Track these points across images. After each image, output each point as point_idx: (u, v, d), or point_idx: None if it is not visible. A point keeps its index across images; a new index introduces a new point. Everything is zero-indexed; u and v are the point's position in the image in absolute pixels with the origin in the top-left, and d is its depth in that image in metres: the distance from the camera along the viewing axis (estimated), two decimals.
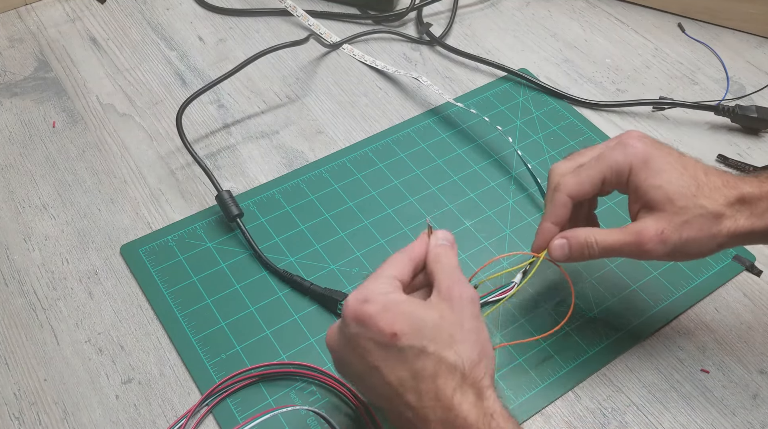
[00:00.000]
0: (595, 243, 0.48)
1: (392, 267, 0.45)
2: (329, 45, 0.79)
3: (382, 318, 0.41)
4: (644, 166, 0.47)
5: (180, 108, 0.66)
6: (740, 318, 0.59)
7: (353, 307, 0.42)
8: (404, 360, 0.41)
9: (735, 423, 0.53)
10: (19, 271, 0.59)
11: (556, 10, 0.87)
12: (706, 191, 0.47)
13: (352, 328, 0.42)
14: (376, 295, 0.42)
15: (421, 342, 0.41)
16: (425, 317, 0.41)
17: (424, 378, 0.40)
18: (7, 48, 0.77)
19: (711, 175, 0.48)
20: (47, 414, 0.52)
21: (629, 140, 0.49)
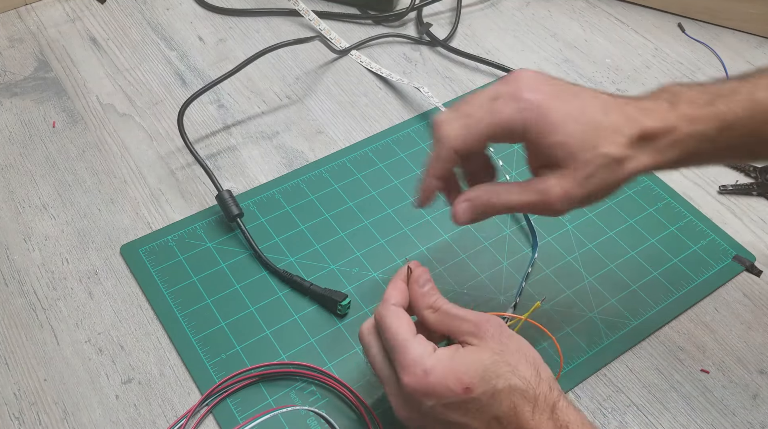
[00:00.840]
0: (498, 203, 0.46)
1: (405, 326, 0.45)
2: (339, 51, 0.78)
3: (449, 380, 0.42)
4: (540, 121, 0.43)
5: (181, 108, 0.66)
6: (740, 318, 0.59)
7: (417, 384, 0.42)
8: (482, 407, 0.42)
9: (735, 423, 0.53)
10: (19, 271, 0.59)
11: (556, 10, 0.87)
12: (607, 135, 0.43)
13: (426, 402, 0.42)
14: (427, 362, 0.43)
15: (490, 383, 0.42)
16: (482, 359, 0.42)
17: (506, 415, 0.42)
18: (7, 48, 0.77)
19: (611, 113, 0.44)
20: (47, 414, 0.52)
21: (522, 92, 0.43)
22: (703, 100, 0.45)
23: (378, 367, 0.46)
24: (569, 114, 0.43)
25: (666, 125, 0.44)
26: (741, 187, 0.69)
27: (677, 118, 0.44)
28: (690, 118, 0.44)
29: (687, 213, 0.66)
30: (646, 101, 0.45)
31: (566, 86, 0.45)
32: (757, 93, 0.45)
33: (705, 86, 0.46)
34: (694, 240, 0.64)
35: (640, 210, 0.66)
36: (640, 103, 0.45)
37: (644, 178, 0.69)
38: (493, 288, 0.60)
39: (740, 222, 0.66)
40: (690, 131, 0.44)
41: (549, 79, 0.45)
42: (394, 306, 0.46)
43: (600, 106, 0.44)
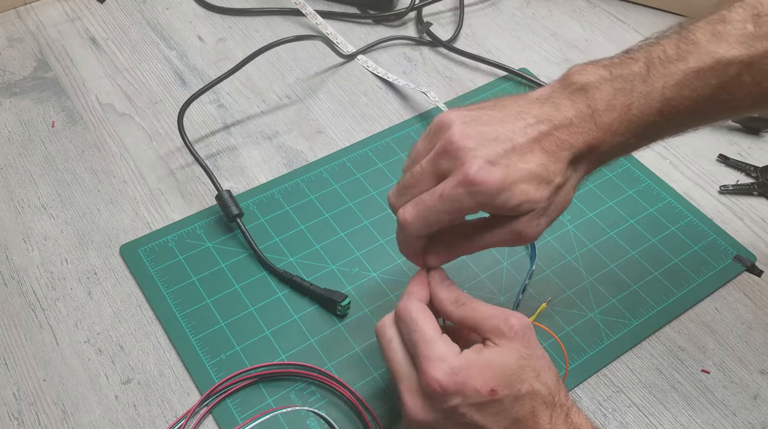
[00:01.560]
0: (473, 246, 0.47)
1: (430, 324, 0.44)
2: (345, 56, 0.78)
3: (476, 381, 0.42)
4: (500, 197, 0.43)
5: (181, 109, 0.66)
6: (741, 318, 0.59)
7: (446, 381, 0.42)
8: (504, 410, 0.42)
9: (735, 423, 0.53)
10: (18, 271, 0.59)
11: (556, 10, 0.87)
12: (552, 167, 0.44)
13: (451, 401, 0.42)
14: (455, 361, 0.42)
15: (515, 387, 0.42)
16: (509, 363, 0.42)
17: (525, 418, 0.42)
18: (6, 48, 0.77)
19: (548, 142, 0.44)
20: (46, 414, 0.51)
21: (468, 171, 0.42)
22: (619, 105, 0.45)
23: (396, 362, 0.45)
24: (516, 170, 0.43)
25: (591, 143, 0.45)
26: (742, 187, 0.68)
27: (601, 133, 0.44)
28: (612, 130, 0.45)
29: (688, 213, 0.66)
30: (565, 109, 0.45)
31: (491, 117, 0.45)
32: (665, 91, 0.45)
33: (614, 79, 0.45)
34: (694, 240, 0.64)
35: (641, 210, 0.66)
36: (561, 112, 0.45)
37: (645, 178, 0.69)
38: (493, 288, 0.60)
39: (741, 222, 0.66)
40: (612, 144, 0.45)
41: (473, 121, 0.44)
42: (419, 302, 0.46)
43: (531, 136, 0.44)
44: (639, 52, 0.46)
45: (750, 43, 0.44)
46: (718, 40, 0.44)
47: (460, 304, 0.46)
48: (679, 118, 0.46)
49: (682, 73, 0.44)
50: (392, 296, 0.59)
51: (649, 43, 0.46)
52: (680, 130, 0.48)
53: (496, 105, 0.46)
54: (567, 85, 0.46)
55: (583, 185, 0.67)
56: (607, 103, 0.45)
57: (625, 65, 0.45)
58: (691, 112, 0.45)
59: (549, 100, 0.45)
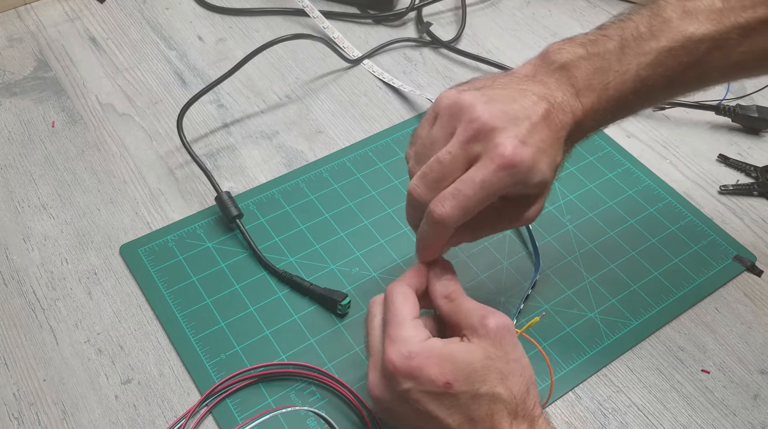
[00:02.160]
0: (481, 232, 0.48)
1: (406, 307, 0.44)
2: (351, 60, 0.78)
3: (432, 369, 0.41)
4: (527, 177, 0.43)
5: (180, 111, 0.66)
6: (741, 318, 0.59)
7: (399, 363, 0.42)
8: (459, 405, 0.41)
9: (736, 423, 0.53)
10: (18, 271, 0.59)
11: (556, 10, 0.87)
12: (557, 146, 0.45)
13: (403, 384, 0.42)
14: (415, 346, 0.42)
15: (473, 386, 0.41)
16: (472, 360, 0.42)
17: (481, 419, 0.41)
18: (6, 47, 0.77)
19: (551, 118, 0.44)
20: (46, 414, 0.51)
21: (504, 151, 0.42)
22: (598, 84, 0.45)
23: (372, 338, 0.46)
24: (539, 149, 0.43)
25: (578, 120, 0.45)
26: (742, 187, 0.68)
27: (584, 111, 0.45)
28: (593, 108, 0.46)
29: (688, 213, 0.66)
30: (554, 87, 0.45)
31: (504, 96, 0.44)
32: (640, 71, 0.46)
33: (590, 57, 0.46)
34: (694, 240, 0.64)
35: (641, 210, 0.66)
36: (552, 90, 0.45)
37: (645, 178, 0.69)
38: (493, 288, 0.60)
39: (741, 222, 0.66)
40: (592, 121, 0.47)
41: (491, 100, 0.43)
42: (407, 285, 0.46)
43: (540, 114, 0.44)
44: (612, 29, 0.47)
45: (718, 19, 0.45)
46: (688, 16, 0.45)
47: (449, 300, 0.46)
48: (653, 93, 0.47)
49: (655, 53, 0.45)
50: None
51: (622, 19, 0.47)
52: (652, 104, 0.49)
53: (495, 82, 0.46)
54: (548, 63, 0.46)
55: (583, 185, 0.68)
56: (587, 83, 0.45)
57: (600, 43, 0.46)
58: (664, 87, 0.47)
59: (536, 78, 0.46)
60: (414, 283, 0.47)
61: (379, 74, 0.77)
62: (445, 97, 0.45)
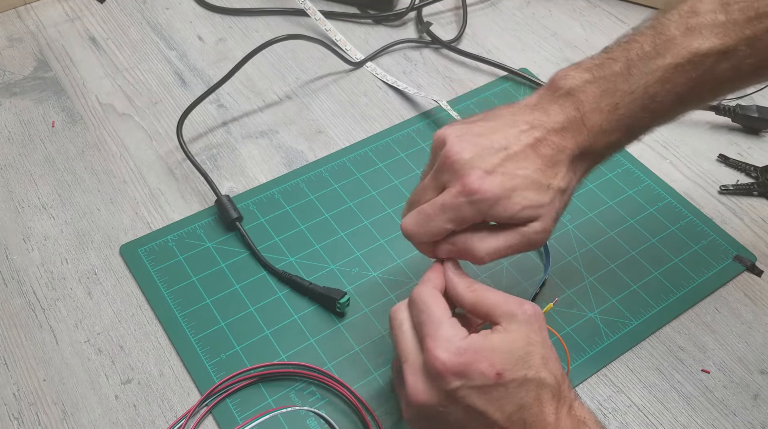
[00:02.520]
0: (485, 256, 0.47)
1: (440, 307, 0.44)
2: (354, 63, 0.78)
3: (482, 362, 0.41)
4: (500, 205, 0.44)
5: (180, 118, 0.67)
6: (741, 318, 0.59)
7: (449, 361, 0.41)
8: (509, 395, 0.41)
9: (736, 423, 0.53)
10: (18, 271, 0.59)
11: (556, 10, 0.87)
12: (550, 172, 0.45)
13: (453, 382, 0.41)
14: (462, 342, 0.42)
15: (521, 372, 0.41)
16: (516, 347, 0.42)
17: (530, 405, 0.42)
18: (6, 47, 0.77)
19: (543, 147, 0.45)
20: (46, 414, 0.51)
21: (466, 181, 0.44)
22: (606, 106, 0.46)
23: (405, 343, 0.45)
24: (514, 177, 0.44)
25: (583, 145, 0.46)
26: (742, 187, 0.68)
27: (592, 134, 0.46)
28: (602, 130, 0.46)
29: (688, 213, 0.66)
30: (555, 113, 0.46)
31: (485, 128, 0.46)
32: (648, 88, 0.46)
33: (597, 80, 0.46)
34: (694, 240, 0.64)
35: (641, 210, 0.66)
36: (551, 116, 0.46)
37: (645, 178, 0.69)
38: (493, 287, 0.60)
39: (741, 222, 0.66)
40: (604, 143, 0.47)
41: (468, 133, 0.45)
42: (433, 288, 0.46)
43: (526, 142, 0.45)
44: (618, 50, 0.47)
45: (723, 32, 0.45)
46: (691, 33, 0.45)
47: (472, 290, 0.46)
48: (664, 110, 0.47)
49: (662, 70, 0.45)
50: (392, 296, 0.59)
51: (627, 40, 0.47)
52: (667, 120, 0.49)
53: (488, 116, 0.47)
54: (554, 91, 0.47)
55: (583, 185, 0.67)
56: (594, 106, 0.46)
57: (606, 66, 0.47)
58: (674, 103, 0.47)
59: (538, 107, 0.47)
60: (437, 283, 0.47)
61: (382, 77, 0.77)
62: (436, 133, 0.47)
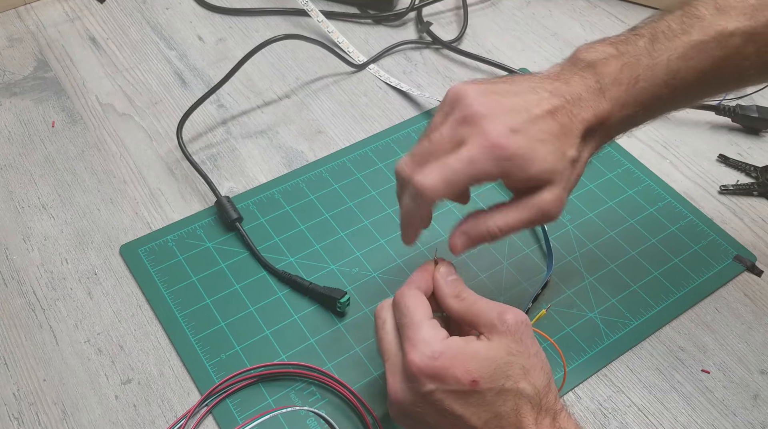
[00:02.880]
0: (498, 230, 0.45)
1: (420, 308, 0.44)
2: (357, 65, 0.77)
3: (457, 368, 0.41)
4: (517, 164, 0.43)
5: (180, 120, 0.67)
6: (741, 318, 0.59)
7: (424, 365, 0.41)
8: (486, 403, 0.41)
9: (736, 423, 0.53)
10: (18, 271, 0.59)
11: (556, 10, 0.87)
12: (567, 141, 0.45)
13: (427, 385, 0.41)
14: (438, 345, 0.42)
15: (498, 382, 0.41)
16: (496, 356, 0.42)
17: (506, 414, 0.41)
18: (6, 48, 0.77)
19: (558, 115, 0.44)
20: (46, 414, 0.51)
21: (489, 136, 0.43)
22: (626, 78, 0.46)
23: (386, 342, 0.45)
24: (536, 138, 0.44)
25: (601, 116, 0.45)
26: (742, 187, 0.68)
27: (610, 106, 0.46)
28: (621, 103, 0.46)
29: (688, 213, 0.66)
30: (575, 84, 0.46)
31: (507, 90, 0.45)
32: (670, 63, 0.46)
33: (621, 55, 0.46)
34: (694, 240, 0.64)
35: (641, 210, 0.66)
36: (571, 87, 0.46)
37: (645, 178, 0.68)
38: (493, 288, 0.60)
39: (741, 222, 0.66)
40: (621, 117, 0.46)
41: (490, 92, 0.45)
42: (416, 288, 0.46)
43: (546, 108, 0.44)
44: (644, 28, 0.47)
45: (751, 14, 0.45)
46: (720, 13, 0.45)
47: (460, 299, 0.46)
48: (685, 89, 0.46)
49: (687, 45, 0.45)
50: (392, 296, 0.59)
51: (654, 20, 0.48)
52: (687, 102, 0.49)
53: (509, 79, 0.47)
54: (575, 62, 0.47)
55: (583, 185, 0.67)
56: (615, 78, 0.45)
57: (631, 42, 0.47)
58: (697, 83, 0.46)
59: (560, 77, 0.46)
60: (421, 285, 0.47)
61: (385, 79, 0.77)
62: (452, 88, 0.46)
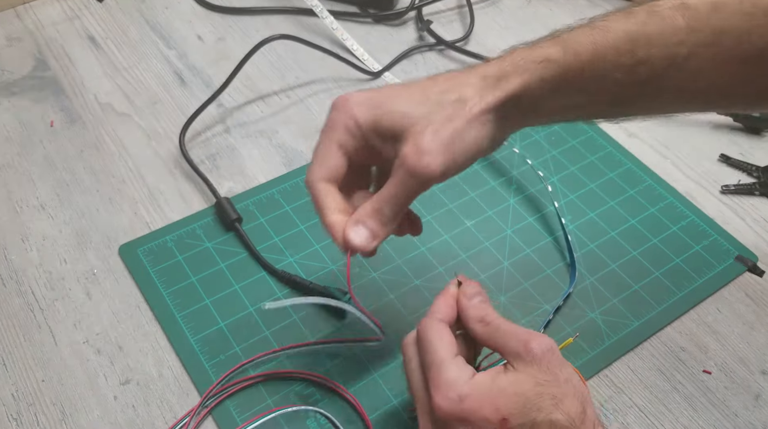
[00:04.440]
0: (383, 203, 0.43)
1: (443, 345, 0.42)
2: (373, 73, 0.77)
3: (486, 409, 0.39)
4: (366, 107, 0.43)
5: (183, 126, 0.67)
6: (742, 318, 0.59)
7: (450, 409, 0.40)
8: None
9: (737, 424, 0.53)
10: (17, 272, 0.59)
11: (557, 9, 0.87)
12: (439, 92, 0.43)
13: (457, 428, 0.40)
14: (464, 388, 0.40)
15: (530, 416, 0.39)
16: (524, 390, 0.40)
17: None
18: (5, 47, 0.77)
19: (440, 79, 0.44)
20: (45, 415, 0.51)
21: (341, 100, 0.44)
22: (540, 38, 0.44)
23: (414, 382, 0.43)
24: (393, 91, 0.43)
25: (502, 63, 0.43)
26: (743, 187, 0.68)
27: (513, 52, 0.44)
28: (527, 48, 0.44)
29: (689, 213, 0.66)
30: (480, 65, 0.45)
31: (387, 86, 0.45)
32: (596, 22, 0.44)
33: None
34: (696, 240, 0.64)
35: (642, 210, 0.66)
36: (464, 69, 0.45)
37: (646, 178, 0.68)
38: (493, 288, 0.59)
39: (743, 222, 0.66)
40: (529, 55, 0.43)
41: (371, 89, 0.45)
42: (439, 321, 0.44)
43: (426, 78, 0.44)
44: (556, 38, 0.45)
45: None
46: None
47: (485, 324, 0.44)
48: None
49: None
50: (392, 296, 0.59)
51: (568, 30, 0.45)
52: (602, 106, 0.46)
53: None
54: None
55: (584, 185, 0.67)
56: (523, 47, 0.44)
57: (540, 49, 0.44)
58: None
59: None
60: (445, 314, 0.45)
61: None
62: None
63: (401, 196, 0.43)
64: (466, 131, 0.42)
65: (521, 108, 0.44)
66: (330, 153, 0.44)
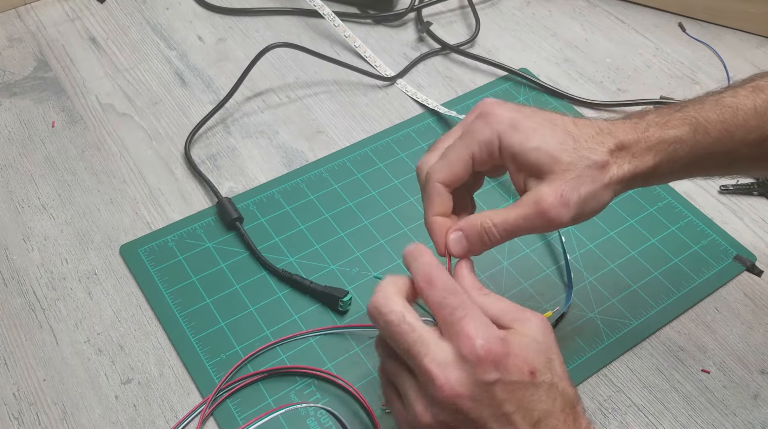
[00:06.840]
0: (493, 226, 0.43)
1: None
2: (387, 79, 0.76)
3: (518, 357, 0.39)
4: (513, 131, 0.43)
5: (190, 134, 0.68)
6: (741, 318, 0.59)
7: (492, 347, 0.38)
8: (538, 399, 0.39)
9: (736, 423, 0.53)
10: (18, 272, 0.59)
11: (556, 10, 0.87)
12: (583, 142, 0.43)
13: (491, 373, 0.38)
14: (500, 332, 0.39)
15: (548, 375, 0.39)
16: (542, 349, 0.40)
17: (553, 413, 0.39)
18: (6, 47, 0.77)
19: (581, 126, 0.44)
20: (46, 414, 0.51)
21: (489, 109, 0.44)
22: (669, 111, 0.47)
23: (414, 335, 0.39)
24: (540, 122, 0.44)
25: (638, 136, 0.45)
26: (742, 186, 0.68)
27: (647, 126, 0.45)
28: (660, 123, 0.46)
29: (688, 213, 0.66)
30: (610, 120, 0.46)
31: (533, 107, 0.46)
32: (725, 99, 0.47)
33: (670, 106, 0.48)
34: (694, 240, 0.64)
35: (641, 210, 0.66)
36: (605, 120, 0.46)
37: None
38: (493, 288, 0.60)
39: (741, 222, 0.66)
40: (662, 135, 0.45)
41: (514, 103, 0.46)
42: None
43: (569, 120, 0.45)
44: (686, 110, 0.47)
45: None
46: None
47: (485, 294, 0.43)
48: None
49: None
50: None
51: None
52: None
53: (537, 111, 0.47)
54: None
55: None
56: (655, 113, 0.47)
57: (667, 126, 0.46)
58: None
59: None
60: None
61: (412, 94, 0.75)
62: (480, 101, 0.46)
63: (520, 229, 0.43)
64: (600, 194, 0.44)
65: (647, 181, 0.47)
66: (461, 160, 0.44)
